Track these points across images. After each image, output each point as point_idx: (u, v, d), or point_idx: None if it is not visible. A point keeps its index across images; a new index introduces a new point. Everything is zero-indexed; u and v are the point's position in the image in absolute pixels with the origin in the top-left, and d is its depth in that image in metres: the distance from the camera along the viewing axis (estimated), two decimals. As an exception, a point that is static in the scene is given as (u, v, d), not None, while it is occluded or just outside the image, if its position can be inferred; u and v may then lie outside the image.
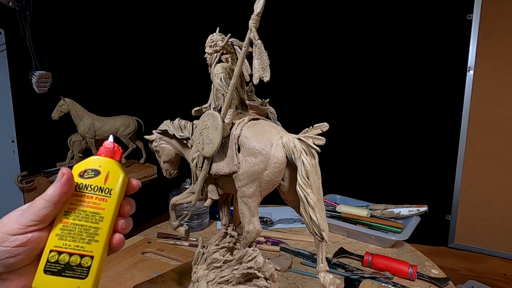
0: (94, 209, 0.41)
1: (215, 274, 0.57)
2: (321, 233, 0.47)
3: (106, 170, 0.42)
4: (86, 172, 0.42)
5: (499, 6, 1.37)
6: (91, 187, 0.42)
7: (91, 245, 0.41)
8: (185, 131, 0.64)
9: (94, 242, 0.41)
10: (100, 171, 0.42)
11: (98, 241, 0.41)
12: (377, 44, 1.58)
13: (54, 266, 0.39)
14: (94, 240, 0.41)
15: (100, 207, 0.42)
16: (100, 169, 0.42)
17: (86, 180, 0.42)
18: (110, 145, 0.44)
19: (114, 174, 0.43)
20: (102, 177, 0.42)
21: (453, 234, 1.54)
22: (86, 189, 0.42)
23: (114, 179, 0.43)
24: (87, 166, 0.42)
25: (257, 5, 0.46)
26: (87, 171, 0.42)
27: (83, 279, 0.40)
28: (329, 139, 0.48)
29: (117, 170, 0.43)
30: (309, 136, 0.48)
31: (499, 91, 1.40)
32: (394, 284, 0.76)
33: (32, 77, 1.20)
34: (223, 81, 0.54)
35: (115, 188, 0.42)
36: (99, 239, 0.41)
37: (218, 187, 0.59)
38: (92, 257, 0.41)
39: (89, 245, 0.41)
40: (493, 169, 1.45)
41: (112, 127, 1.27)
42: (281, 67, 1.62)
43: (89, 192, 0.42)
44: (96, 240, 0.41)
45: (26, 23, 1.18)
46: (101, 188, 0.42)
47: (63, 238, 0.40)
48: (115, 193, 0.42)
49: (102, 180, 0.42)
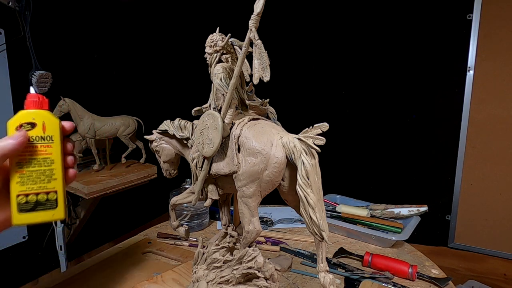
0: (43, 155, 0.48)
1: (215, 274, 0.57)
2: (321, 233, 0.47)
3: (41, 121, 0.48)
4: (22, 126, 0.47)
5: (499, 6, 1.37)
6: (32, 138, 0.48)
7: (51, 183, 0.49)
8: (185, 131, 0.64)
9: (53, 180, 0.49)
10: (36, 123, 0.48)
11: (56, 179, 0.49)
12: (377, 44, 1.58)
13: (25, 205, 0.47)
14: (53, 179, 0.49)
15: (47, 152, 0.48)
16: (34, 121, 0.48)
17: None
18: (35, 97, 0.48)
19: (50, 123, 0.48)
20: (40, 127, 0.48)
21: (453, 234, 1.54)
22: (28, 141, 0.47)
23: (52, 127, 0.49)
24: (21, 121, 0.47)
25: (257, 5, 0.46)
26: (23, 125, 0.47)
27: (55, 208, 0.49)
28: (329, 139, 0.48)
29: (51, 119, 0.49)
30: (309, 136, 0.48)
31: (499, 91, 1.40)
32: (394, 284, 0.76)
33: (32, 77, 1.20)
34: (223, 81, 0.54)
35: (55, 134, 0.49)
36: (56, 177, 0.49)
37: (218, 187, 0.59)
38: (56, 191, 0.49)
39: (50, 184, 0.49)
40: (493, 169, 1.45)
41: (112, 127, 1.27)
42: (281, 67, 1.62)
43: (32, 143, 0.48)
44: (54, 178, 0.49)
45: (26, 23, 1.18)
46: (42, 137, 0.48)
47: (25, 184, 0.47)
48: (57, 138, 0.49)
49: (41, 130, 0.48)
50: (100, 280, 0.74)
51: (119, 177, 1.26)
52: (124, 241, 0.95)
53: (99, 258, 0.83)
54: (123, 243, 0.94)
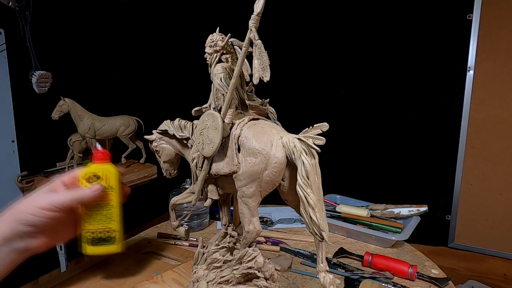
0: (105, 201, 0.61)
1: (215, 274, 0.57)
2: (321, 233, 0.47)
3: (104, 174, 0.61)
4: (90, 178, 0.60)
5: (499, 6, 1.37)
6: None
7: (111, 224, 0.62)
8: (185, 131, 0.64)
9: (113, 221, 0.62)
10: (100, 176, 0.61)
11: (115, 220, 0.62)
12: (377, 44, 1.58)
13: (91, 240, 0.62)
14: (112, 220, 0.62)
15: (108, 199, 0.61)
16: (99, 174, 0.61)
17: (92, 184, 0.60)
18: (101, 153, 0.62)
19: (110, 175, 0.61)
20: (103, 179, 0.61)
21: (453, 234, 1.54)
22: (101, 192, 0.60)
23: (111, 178, 0.61)
24: (90, 174, 0.60)
25: (257, 5, 0.46)
26: (91, 177, 0.60)
27: (114, 243, 0.63)
28: (329, 139, 0.48)
29: (112, 171, 0.61)
30: (309, 136, 0.48)
31: (499, 91, 1.40)
32: (394, 284, 0.76)
33: (32, 77, 1.20)
34: (223, 81, 0.54)
35: (114, 184, 0.61)
36: (115, 218, 0.62)
37: (218, 187, 0.59)
38: (115, 230, 0.63)
39: (110, 224, 0.62)
40: (493, 169, 1.45)
41: (112, 127, 1.27)
42: (281, 67, 1.63)
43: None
44: (113, 219, 0.62)
45: (26, 23, 1.18)
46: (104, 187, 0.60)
47: (91, 223, 0.61)
48: (115, 187, 0.62)
49: (104, 181, 0.61)
50: (100, 280, 0.74)
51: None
52: (124, 241, 0.95)
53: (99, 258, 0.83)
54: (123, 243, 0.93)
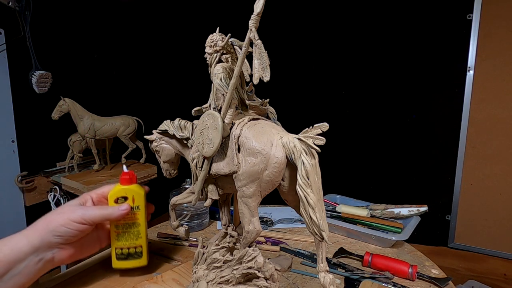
0: (132, 220, 0.65)
1: (215, 274, 0.57)
2: (321, 233, 0.47)
3: (131, 195, 0.65)
4: (118, 199, 0.64)
5: (499, 6, 1.37)
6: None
7: (138, 241, 0.66)
8: (185, 131, 0.64)
9: (139, 238, 0.66)
10: (127, 197, 0.64)
11: (141, 237, 0.66)
12: (377, 44, 1.58)
13: (120, 256, 0.67)
14: (139, 237, 0.66)
15: (135, 218, 0.65)
16: (127, 195, 0.64)
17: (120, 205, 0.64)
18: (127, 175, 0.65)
19: (137, 196, 0.65)
20: (130, 200, 0.64)
21: (453, 234, 1.54)
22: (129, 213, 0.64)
23: (139, 199, 0.65)
24: (118, 195, 0.64)
25: (257, 5, 0.46)
26: (119, 199, 0.64)
27: (140, 258, 0.68)
28: (329, 139, 0.48)
29: (139, 193, 0.65)
30: (309, 136, 0.48)
31: (499, 91, 1.40)
32: (394, 284, 0.76)
33: (32, 77, 1.20)
34: (223, 81, 0.54)
35: (141, 204, 0.66)
36: (141, 235, 0.66)
37: (218, 187, 0.59)
38: (141, 246, 0.67)
39: (137, 241, 0.66)
40: (493, 169, 1.45)
41: (112, 127, 1.27)
42: (281, 67, 1.62)
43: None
44: (140, 236, 0.66)
45: (26, 23, 1.18)
46: (132, 207, 0.64)
47: (120, 240, 0.66)
48: (142, 207, 0.66)
49: (131, 201, 0.64)
50: (100, 280, 0.74)
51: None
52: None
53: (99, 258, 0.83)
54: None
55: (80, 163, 1.35)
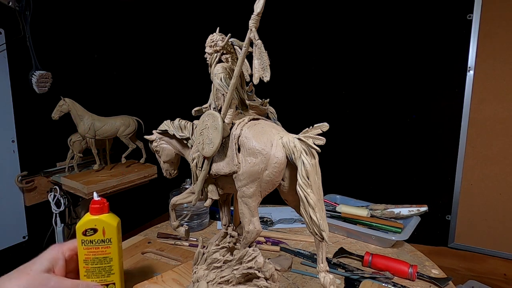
0: (103, 254, 0.59)
1: (215, 274, 0.57)
2: (321, 233, 0.47)
3: (102, 227, 0.58)
4: (87, 231, 0.58)
5: (499, 6, 1.37)
6: (95, 241, 0.58)
7: (110, 277, 0.60)
8: (185, 131, 0.64)
9: (112, 274, 0.59)
10: (97, 229, 0.58)
11: (114, 273, 0.60)
12: (377, 44, 1.57)
13: None
14: (111, 273, 0.59)
15: (106, 252, 0.59)
16: (96, 227, 0.58)
17: (89, 237, 0.58)
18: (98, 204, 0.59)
19: (108, 227, 0.59)
20: (100, 232, 0.58)
21: (453, 234, 1.54)
22: (91, 243, 0.58)
23: (110, 231, 0.59)
24: (86, 227, 0.58)
25: (257, 5, 0.46)
26: (87, 231, 0.58)
27: None
28: (329, 139, 0.48)
29: (110, 223, 0.59)
30: (309, 136, 0.48)
31: (499, 91, 1.40)
32: (394, 284, 0.76)
33: (32, 77, 1.20)
34: (223, 81, 0.54)
35: (113, 236, 0.59)
36: (114, 271, 0.60)
37: (218, 187, 0.59)
38: (114, 283, 0.60)
39: (109, 277, 0.59)
40: (493, 169, 1.45)
41: (112, 127, 1.27)
42: (281, 67, 1.62)
43: (95, 245, 0.58)
44: (113, 273, 0.60)
45: (26, 23, 1.18)
46: (102, 240, 0.58)
47: (90, 277, 0.58)
48: (114, 239, 0.59)
49: (101, 234, 0.58)
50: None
51: (119, 177, 1.26)
52: (124, 241, 0.95)
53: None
54: (123, 243, 0.93)
55: (80, 163, 1.35)
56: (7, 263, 1.17)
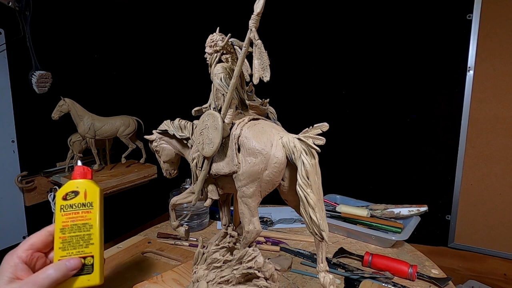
0: (83, 220, 0.52)
1: (215, 274, 0.57)
2: (321, 233, 0.47)
3: (84, 189, 0.53)
4: (67, 195, 0.53)
5: (499, 6, 1.37)
6: (75, 205, 0.53)
7: (89, 248, 0.52)
8: (185, 131, 0.64)
9: (91, 245, 0.52)
10: (79, 191, 0.53)
11: (93, 244, 0.52)
12: (377, 44, 1.58)
13: None
14: (90, 243, 0.52)
15: (87, 218, 0.53)
16: (78, 189, 0.53)
17: (69, 201, 0.53)
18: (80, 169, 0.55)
19: (91, 190, 0.54)
20: (82, 195, 0.53)
21: (453, 234, 1.54)
22: (71, 207, 0.53)
23: (92, 194, 0.54)
24: (67, 190, 0.53)
25: (257, 5, 0.46)
26: (68, 194, 0.53)
27: (91, 273, 0.51)
28: (329, 139, 0.48)
29: (92, 187, 0.54)
30: (309, 136, 0.48)
31: (499, 91, 1.40)
32: (394, 284, 0.76)
33: (32, 77, 1.20)
34: (223, 81, 0.54)
35: (95, 201, 0.53)
36: (94, 241, 0.52)
37: (218, 187, 0.59)
38: (93, 256, 0.52)
39: (88, 248, 0.52)
40: (493, 169, 1.45)
41: (112, 127, 1.27)
42: (281, 67, 1.62)
43: (75, 209, 0.53)
44: (92, 243, 0.52)
45: (26, 23, 1.18)
46: (83, 204, 0.53)
47: (66, 249, 0.51)
48: (96, 204, 0.53)
49: (83, 197, 0.53)
50: (100, 280, 0.74)
51: (119, 177, 1.26)
52: (124, 241, 0.95)
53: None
54: (123, 243, 0.94)
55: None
56: (7, 263, 1.17)
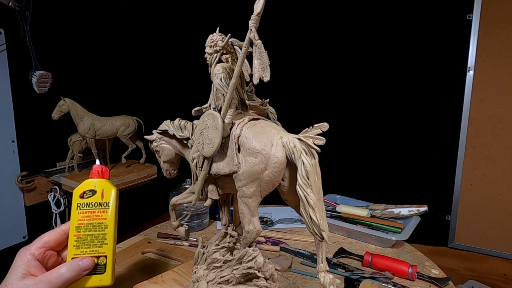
0: (98, 220, 0.53)
1: (215, 274, 0.57)
2: (321, 233, 0.47)
3: (101, 189, 0.54)
4: (85, 193, 0.54)
5: (499, 6, 1.37)
6: (91, 204, 0.53)
7: (103, 248, 0.52)
8: (185, 131, 0.64)
9: (105, 245, 0.52)
10: (96, 191, 0.54)
11: (107, 244, 0.53)
12: (377, 44, 1.58)
13: None
14: (104, 243, 0.52)
15: (102, 217, 0.53)
16: (95, 188, 0.54)
17: (86, 200, 0.53)
18: (98, 168, 0.56)
19: (108, 190, 0.55)
20: (99, 194, 0.54)
21: (453, 234, 1.54)
22: (88, 206, 0.53)
23: (108, 194, 0.54)
24: (85, 188, 0.54)
25: (257, 5, 0.46)
26: (85, 192, 0.54)
27: (103, 273, 0.52)
28: (329, 139, 0.48)
29: (109, 187, 0.55)
30: (309, 136, 0.48)
31: (499, 91, 1.40)
32: (394, 284, 0.76)
33: (32, 77, 1.20)
34: (223, 81, 0.54)
35: (111, 200, 0.54)
36: (108, 242, 0.53)
37: (218, 187, 0.59)
38: (106, 256, 0.52)
39: (101, 248, 0.52)
40: (493, 169, 1.45)
41: (112, 127, 1.27)
42: (281, 67, 1.62)
43: (91, 208, 0.53)
44: (106, 243, 0.53)
45: (26, 23, 1.18)
46: (100, 203, 0.54)
47: (80, 247, 0.51)
48: (112, 205, 0.54)
49: (100, 197, 0.54)
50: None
51: (119, 177, 1.26)
52: (124, 241, 0.95)
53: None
54: (123, 243, 0.94)
55: (80, 163, 1.35)
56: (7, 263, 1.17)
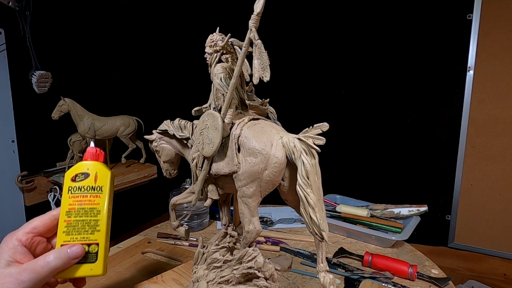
0: (91, 205, 0.49)
1: (215, 274, 0.57)
2: (321, 233, 0.47)
3: (94, 172, 0.50)
4: (77, 176, 0.49)
5: (499, 6, 1.37)
6: (83, 188, 0.49)
7: (95, 235, 0.48)
8: (185, 131, 0.64)
9: (97, 231, 0.48)
10: (89, 173, 0.50)
11: (100, 230, 0.48)
12: (377, 44, 1.58)
13: None
14: (96, 230, 0.48)
15: (95, 202, 0.49)
16: (88, 171, 0.50)
17: (78, 183, 0.49)
18: (93, 150, 0.51)
19: (102, 174, 0.50)
20: (92, 178, 0.50)
21: (453, 234, 1.54)
22: (79, 190, 0.49)
23: (102, 178, 0.50)
24: (77, 171, 0.50)
25: (257, 5, 0.46)
26: (77, 175, 0.49)
27: (94, 262, 0.48)
28: (329, 139, 0.48)
29: (104, 170, 0.50)
30: (309, 136, 0.48)
31: (499, 91, 1.40)
32: (394, 284, 0.76)
33: (32, 77, 1.20)
34: (223, 81, 0.54)
35: (105, 185, 0.50)
36: (100, 228, 0.48)
37: (218, 187, 0.59)
38: (98, 244, 0.48)
39: (93, 235, 0.48)
40: (493, 169, 1.45)
41: (112, 127, 1.27)
42: (281, 67, 1.62)
43: (83, 192, 0.49)
44: (98, 230, 0.48)
45: (26, 23, 1.18)
46: (92, 187, 0.49)
47: (70, 234, 0.47)
48: (106, 189, 0.50)
49: (92, 180, 0.49)
50: (100, 280, 0.74)
51: (119, 177, 1.26)
52: (124, 241, 0.95)
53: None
54: (123, 243, 0.94)
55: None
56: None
